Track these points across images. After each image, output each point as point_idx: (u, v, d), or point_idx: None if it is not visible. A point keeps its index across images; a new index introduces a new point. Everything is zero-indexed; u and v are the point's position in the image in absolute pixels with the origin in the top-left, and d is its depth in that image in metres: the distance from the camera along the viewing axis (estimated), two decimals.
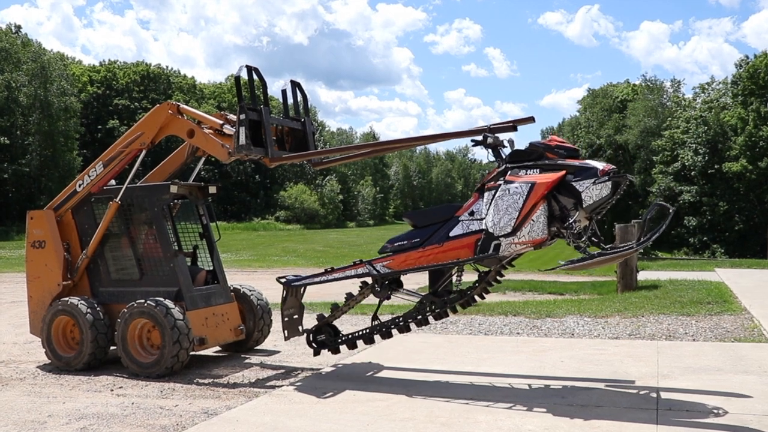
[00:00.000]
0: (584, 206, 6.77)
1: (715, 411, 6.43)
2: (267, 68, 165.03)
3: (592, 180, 6.72)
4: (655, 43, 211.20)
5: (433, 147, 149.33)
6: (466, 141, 7.56)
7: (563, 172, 6.85)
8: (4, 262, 32.76)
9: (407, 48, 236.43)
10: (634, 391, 7.29)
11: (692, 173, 59.04)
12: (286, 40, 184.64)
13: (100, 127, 76.35)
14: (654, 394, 7.11)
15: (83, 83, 78.45)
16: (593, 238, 7.17)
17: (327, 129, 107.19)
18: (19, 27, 72.85)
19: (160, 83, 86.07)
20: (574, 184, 6.77)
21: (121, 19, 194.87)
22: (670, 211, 6.73)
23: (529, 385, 7.69)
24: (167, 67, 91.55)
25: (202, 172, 74.10)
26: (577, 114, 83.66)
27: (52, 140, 62.38)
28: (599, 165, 6.83)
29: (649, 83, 71.16)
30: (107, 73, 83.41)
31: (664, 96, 69.57)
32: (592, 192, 6.71)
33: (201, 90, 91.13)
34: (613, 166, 6.88)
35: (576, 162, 6.91)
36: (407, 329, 8.41)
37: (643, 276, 18.05)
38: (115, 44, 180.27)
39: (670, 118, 64.62)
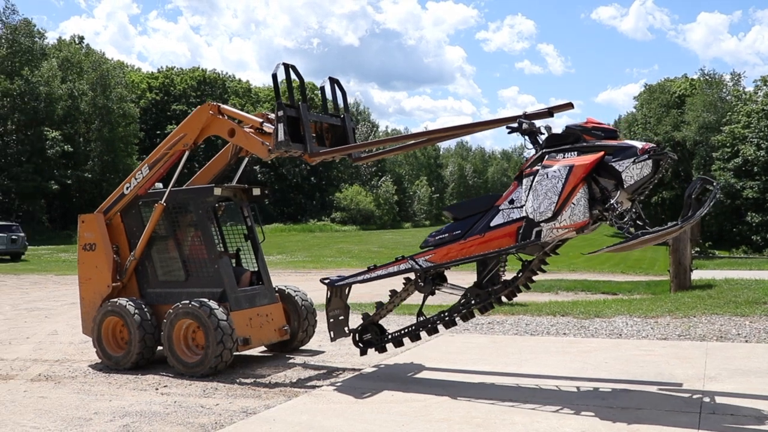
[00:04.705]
0: (625, 186, 6.63)
1: (762, 415, 6.23)
2: (319, 70, 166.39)
3: (632, 159, 6.58)
4: (714, 35, 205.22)
5: (489, 146, 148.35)
6: (521, 139, 7.48)
7: (602, 153, 6.72)
8: (68, 265, 33.77)
9: (459, 46, 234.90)
10: (678, 394, 7.11)
11: (755, 168, 57.20)
12: (337, 41, 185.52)
13: (158, 132, 78.11)
14: (699, 397, 6.92)
15: (142, 90, 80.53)
16: (638, 221, 6.98)
17: (379, 130, 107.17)
18: (82, 38, 75.24)
19: (216, 88, 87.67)
20: (613, 164, 6.64)
21: (174, 26, 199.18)
22: (715, 183, 6.51)
23: (571, 387, 7.57)
24: (222, 71, 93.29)
25: (259, 175, 74.99)
26: (634, 110, 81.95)
27: (113, 146, 64.30)
28: (638, 144, 6.70)
29: (707, 77, 69.28)
30: (165, 80, 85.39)
31: (724, 90, 67.60)
32: (633, 171, 6.58)
33: (256, 94, 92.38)
34: (653, 144, 6.71)
35: (614, 142, 6.79)
36: (453, 324, 8.33)
37: (697, 275, 17.59)
38: (170, 50, 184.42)
39: (730, 113, 62.74)
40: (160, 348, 9.48)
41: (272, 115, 9.45)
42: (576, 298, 17.15)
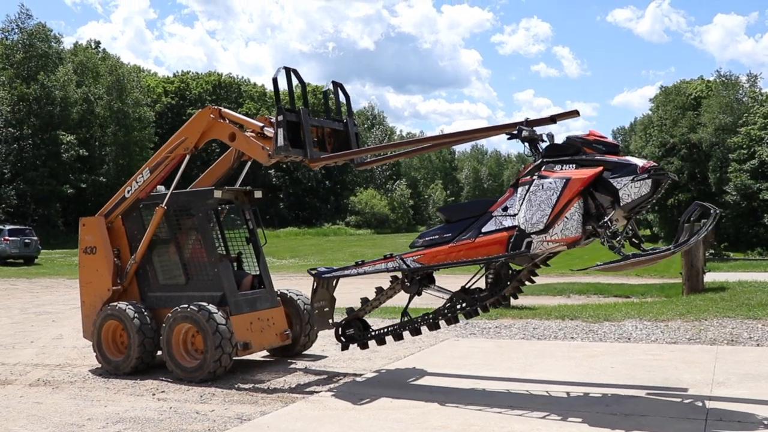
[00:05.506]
0: (621, 204, 6.47)
1: None
2: (334, 74, 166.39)
3: (631, 177, 6.41)
4: (730, 37, 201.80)
5: (504, 149, 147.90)
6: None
7: (600, 168, 6.55)
8: None
9: (474, 49, 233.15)
10: (684, 400, 6.92)
11: None
12: (353, 45, 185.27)
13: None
14: (705, 403, 6.72)
15: (158, 94, 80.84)
16: (633, 239, 6.85)
17: (395, 134, 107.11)
18: (98, 43, 75.79)
19: (231, 92, 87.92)
20: (611, 181, 6.48)
21: (191, 31, 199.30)
22: (712, 211, 6.35)
23: (574, 393, 7.39)
24: (238, 76, 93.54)
25: (273, 179, 74.73)
26: (650, 113, 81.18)
27: (128, 150, 64.56)
28: (639, 162, 6.52)
29: (723, 79, 68.57)
30: (181, 84, 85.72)
31: (740, 91, 66.85)
32: (631, 190, 6.41)
33: (271, 98, 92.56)
34: (654, 163, 6.55)
35: (615, 158, 6.61)
36: (437, 327, 8.25)
37: (711, 277, 17.30)
38: (187, 55, 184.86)
39: (746, 114, 62.04)
40: (160, 352, 9.38)
41: (274, 119, 9.36)
42: (587, 302, 16.94)
